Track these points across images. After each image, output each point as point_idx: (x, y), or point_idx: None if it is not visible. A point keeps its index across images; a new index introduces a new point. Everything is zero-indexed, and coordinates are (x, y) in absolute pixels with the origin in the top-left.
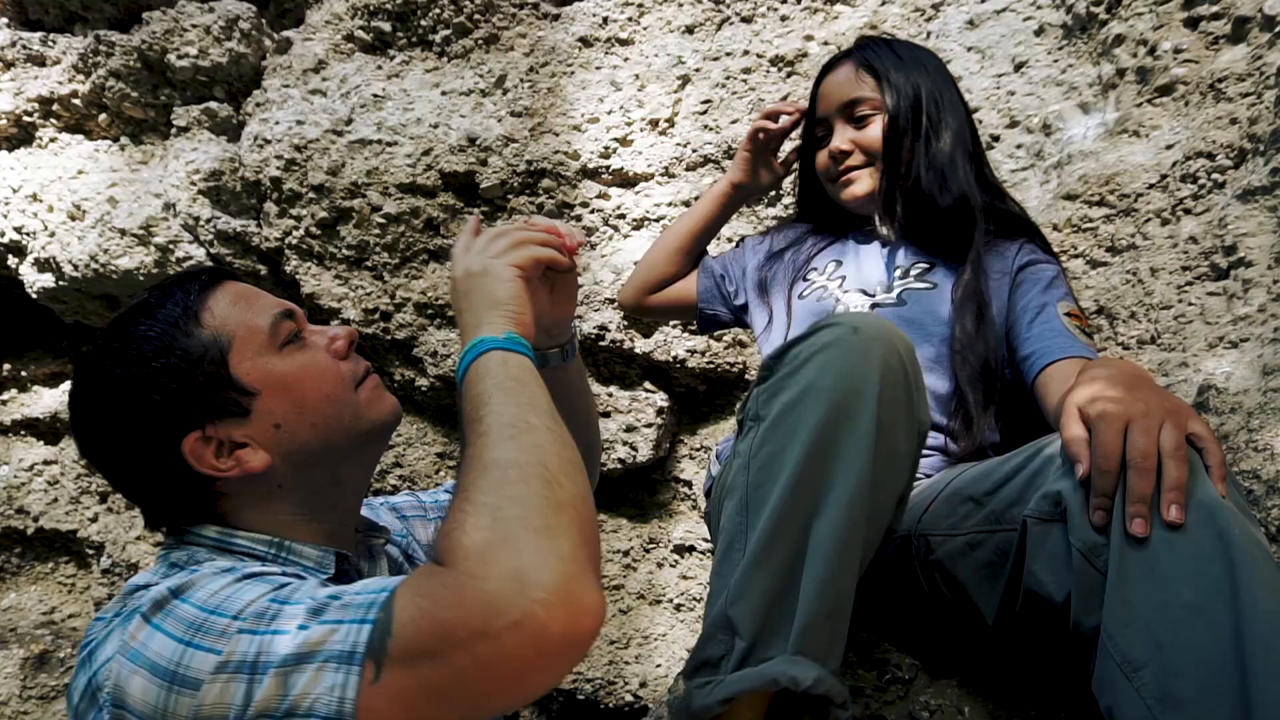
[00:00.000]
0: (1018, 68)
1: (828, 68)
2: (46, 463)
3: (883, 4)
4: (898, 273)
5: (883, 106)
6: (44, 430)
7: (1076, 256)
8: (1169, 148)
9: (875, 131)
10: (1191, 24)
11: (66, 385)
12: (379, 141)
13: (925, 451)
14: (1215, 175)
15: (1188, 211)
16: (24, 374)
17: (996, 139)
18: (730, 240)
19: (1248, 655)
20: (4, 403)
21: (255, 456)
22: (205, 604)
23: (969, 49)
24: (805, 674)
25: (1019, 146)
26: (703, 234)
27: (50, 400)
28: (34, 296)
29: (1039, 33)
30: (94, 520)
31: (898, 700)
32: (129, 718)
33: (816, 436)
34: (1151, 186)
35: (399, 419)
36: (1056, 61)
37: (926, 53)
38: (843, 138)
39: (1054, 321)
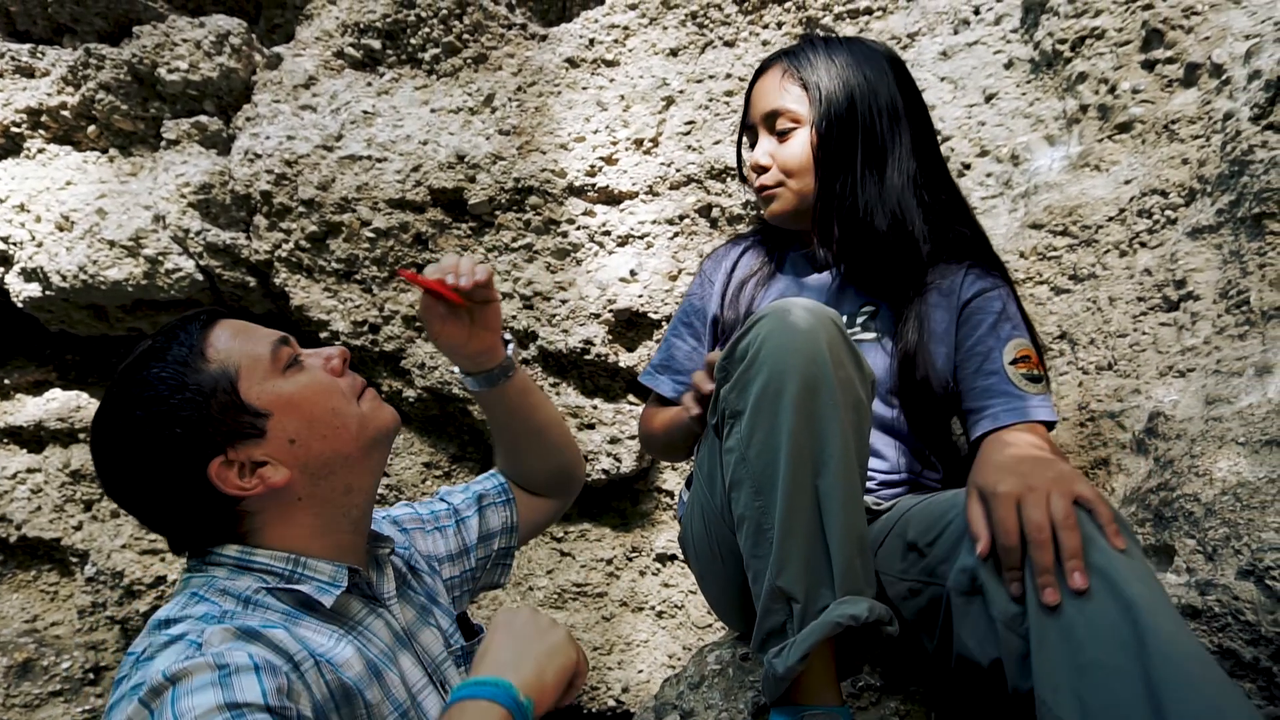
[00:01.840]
0: (988, 99)
1: (759, 70)
2: (30, 471)
3: (860, 31)
4: (843, 320)
5: (805, 119)
6: (27, 438)
7: (1042, 283)
8: (1127, 183)
9: (793, 149)
10: (1148, 66)
11: (50, 393)
12: (369, 157)
13: (872, 483)
14: (1168, 212)
15: (1143, 245)
16: (7, 382)
17: (968, 167)
18: (699, 255)
19: (1164, 708)
20: None
21: (276, 472)
22: (179, 712)
23: (942, 79)
24: (859, 609)
25: (989, 175)
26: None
27: (34, 408)
28: (19, 305)
29: (1008, 66)
30: (78, 528)
31: (870, 706)
32: None
33: (796, 411)
34: (1111, 219)
35: (399, 426)
36: (1025, 94)
37: (872, 53)
38: (763, 150)
39: (999, 375)
